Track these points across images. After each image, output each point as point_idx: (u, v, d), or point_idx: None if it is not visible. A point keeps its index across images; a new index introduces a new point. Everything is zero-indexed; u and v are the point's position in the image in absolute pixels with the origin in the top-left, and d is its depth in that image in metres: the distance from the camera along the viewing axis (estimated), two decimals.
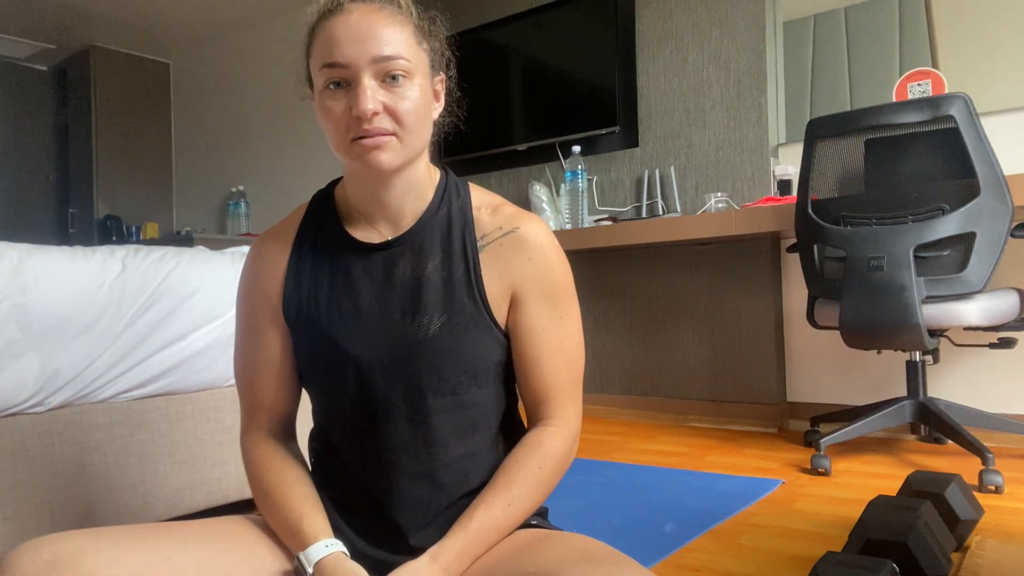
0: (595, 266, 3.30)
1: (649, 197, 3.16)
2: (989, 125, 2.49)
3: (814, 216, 2.17)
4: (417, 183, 0.93)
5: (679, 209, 3.06)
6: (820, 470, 2.05)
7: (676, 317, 3.08)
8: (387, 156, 0.85)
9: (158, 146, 5.31)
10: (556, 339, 0.93)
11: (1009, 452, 2.26)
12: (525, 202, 3.53)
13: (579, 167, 3.14)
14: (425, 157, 0.94)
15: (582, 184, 3.15)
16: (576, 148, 3.18)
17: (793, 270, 2.86)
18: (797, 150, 2.86)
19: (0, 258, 1.30)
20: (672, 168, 3.09)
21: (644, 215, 3.14)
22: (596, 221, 3.11)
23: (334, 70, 0.85)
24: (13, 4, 4.37)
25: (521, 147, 3.51)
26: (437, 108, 0.94)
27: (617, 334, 3.23)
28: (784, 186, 2.73)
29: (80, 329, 1.35)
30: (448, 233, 0.93)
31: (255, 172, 4.92)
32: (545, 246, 0.93)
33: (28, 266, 1.33)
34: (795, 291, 2.86)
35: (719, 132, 2.98)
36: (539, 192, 3.25)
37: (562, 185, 3.21)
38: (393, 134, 0.85)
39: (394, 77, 0.85)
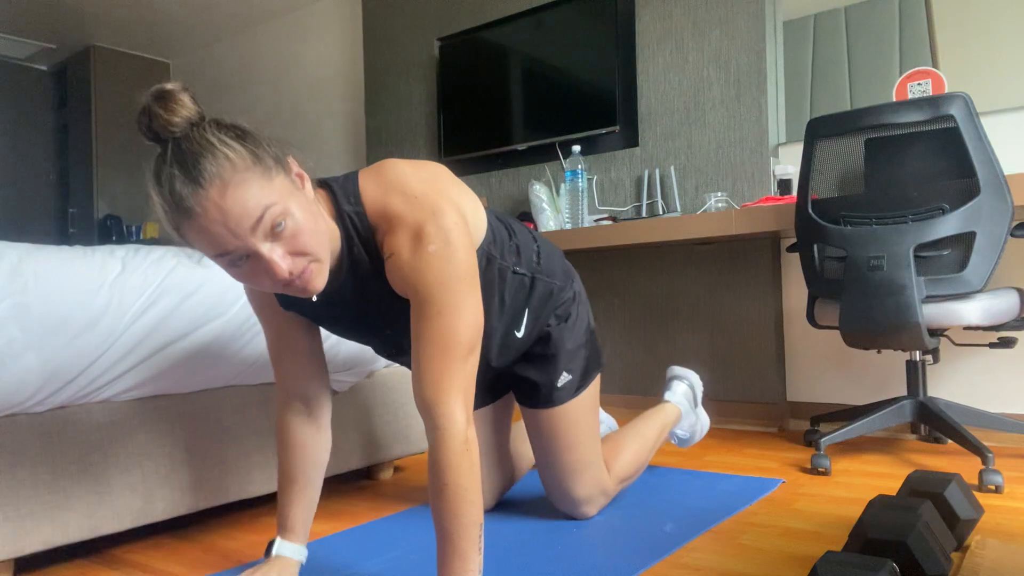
0: (595, 266, 3.30)
1: (649, 197, 3.16)
2: (989, 125, 2.49)
3: (814, 216, 2.17)
4: (333, 253, 1.08)
5: (679, 209, 3.06)
6: (820, 470, 2.05)
7: (676, 317, 3.08)
8: (315, 283, 0.98)
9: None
10: (430, 332, 1.03)
11: (1009, 452, 2.26)
12: (525, 202, 3.54)
13: (579, 167, 3.14)
14: (324, 216, 1.04)
15: (582, 184, 3.15)
16: (576, 148, 3.18)
17: (793, 270, 2.86)
18: (797, 150, 2.86)
19: (0, 258, 1.30)
20: (672, 168, 3.09)
21: (644, 215, 3.14)
22: (596, 221, 3.11)
23: (228, 255, 0.92)
24: (13, 4, 4.37)
25: (521, 147, 3.51)
26: (307, 188, 1.01)
27: (617, 334, 3.23)
28: (784, 186, 2.73)
29: (80, 329, 1.35)
30: (361, 277, 1.12)
31: None
32: (409, 261, 1.04)
33: (28, 266, 1.33)
34: (795, 291, 2.86)
35: (719, 132, 2.98)
36: (539, 192, 3.25)
37: (562, 185, 3.21)
38: (308, 264, 0.96)
39: (278, 224, 0.91)
